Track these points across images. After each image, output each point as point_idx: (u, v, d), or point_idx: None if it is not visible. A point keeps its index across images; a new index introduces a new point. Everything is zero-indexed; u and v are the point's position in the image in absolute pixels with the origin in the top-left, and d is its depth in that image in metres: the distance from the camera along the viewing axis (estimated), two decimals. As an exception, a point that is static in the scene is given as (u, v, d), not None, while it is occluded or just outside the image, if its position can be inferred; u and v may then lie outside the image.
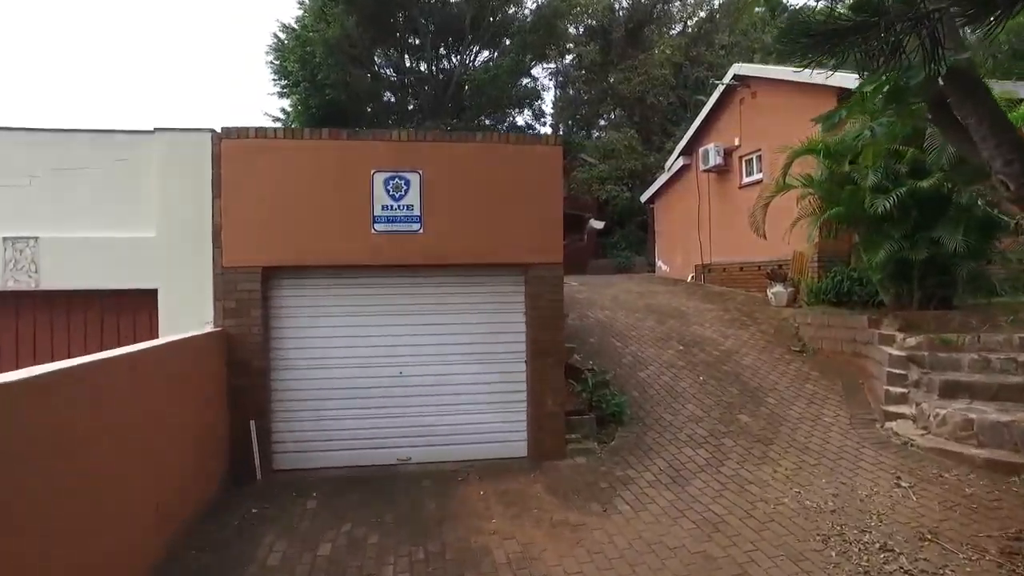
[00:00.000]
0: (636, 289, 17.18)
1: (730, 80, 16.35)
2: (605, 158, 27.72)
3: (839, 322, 10.43)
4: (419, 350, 7.83)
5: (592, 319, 13.52)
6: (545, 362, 7.79)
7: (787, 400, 8.86)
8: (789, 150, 10.56)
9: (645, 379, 9.97)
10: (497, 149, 7.68)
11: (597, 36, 31.39)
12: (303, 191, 7.32)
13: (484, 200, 7.63)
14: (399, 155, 7.46)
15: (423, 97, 29.05)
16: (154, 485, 5.05)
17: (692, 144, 18.65)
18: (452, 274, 7.83)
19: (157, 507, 5.00)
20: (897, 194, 8.88)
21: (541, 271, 7.74)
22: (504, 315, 7.96)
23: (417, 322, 7.82)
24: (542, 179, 7.74)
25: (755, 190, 14.56)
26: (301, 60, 25.13)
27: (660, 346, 11.51)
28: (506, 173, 7.67)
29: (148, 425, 5.00)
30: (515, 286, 7.93)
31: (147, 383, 5.06)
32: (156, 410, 5.19)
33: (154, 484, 5.06)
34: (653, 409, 8.86)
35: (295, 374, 7.62)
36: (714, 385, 9.55)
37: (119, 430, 4.47)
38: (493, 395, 7.94)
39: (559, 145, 7.80)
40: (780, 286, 13.88)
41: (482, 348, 7.92)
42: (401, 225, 7.48)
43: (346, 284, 7.69)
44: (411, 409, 7.81)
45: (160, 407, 5.29)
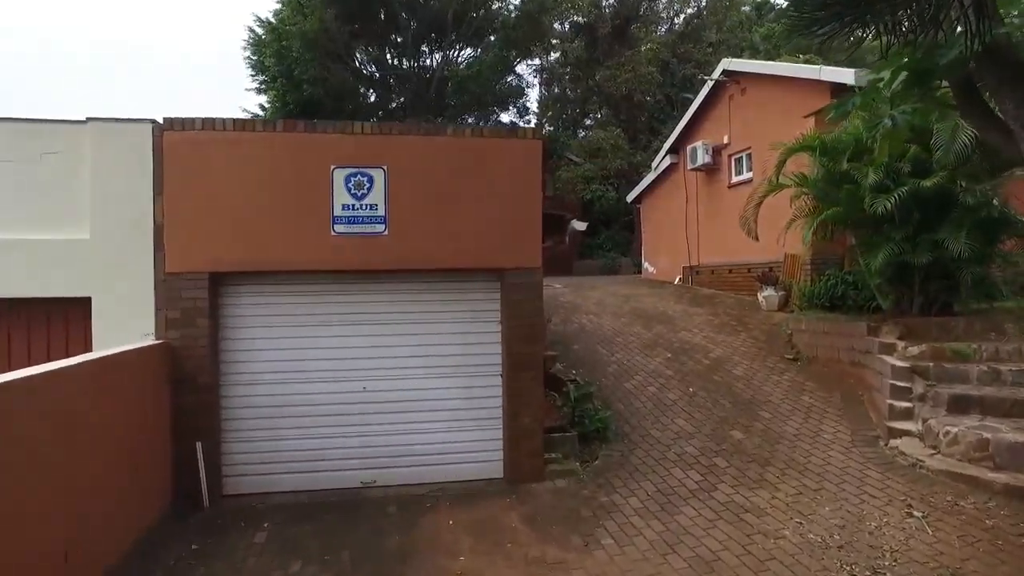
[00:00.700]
0: (622, 292, 16.60)
1: (719, 76, 15.79)
2: (591, 157, 27.15)
3: (835, 329, 9.87)
4: (385, 363, 7.16)
5: (576, 324, 12.91)
6: (522, 376, 7.14)
7: (782, 414, 8.27)
8: (783, 147, 9.99)
9: (631, 390, 9.36)
10: (470, 143, 7.03)
11: (583, 33, 30.82)
12: (255, 189, 6.64)
13: (455, 199, 6.98)
14: (361, 149, 6.79)
15: (405, 95, 28.35)
16: (65, 526, 4.36)
17: (680, 142, 18.09)
18: (420, 280, 7.17)
19: (67, 555, 4.30)
20: (899, 193, 8.32)
21: (518, 277, 7.10)
22: (478, 324, 7.31)
23: (382, 332, 7.16)
24: (520, 176, 7.10)
25: (745, 190, 14.03)
26: (277, 55, 24.38)
27: (647, 354, 10.92)
28: (480, 169, 7.02)
29: (60, 455, 4.31)
30: (490, 293, 7.28)
31: (63, 406, 4.37)
32: (74, 438, 4.50)
33: (65, 525, 4.36)
34: (640, 424, 8.24)
35: (248, 390, 6.93)
36: (704, 397, 8.95)
37: (15, 465, 3.79)
38: (466, 412, 7.29)
39: (538, 139, 7.16)
40: (771, 289, 13.33)
41: (453, 361, 7.27)
42: (364, 226, 6.81)
43: (304, 291, 7.01)
44: (376, 427, 7.15)
45: (79, 434, 4.59)
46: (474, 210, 6.99)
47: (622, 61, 26.65)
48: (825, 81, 12.25)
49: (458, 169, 6.98)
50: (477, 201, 7.00)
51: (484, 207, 7.01)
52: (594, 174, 26.45)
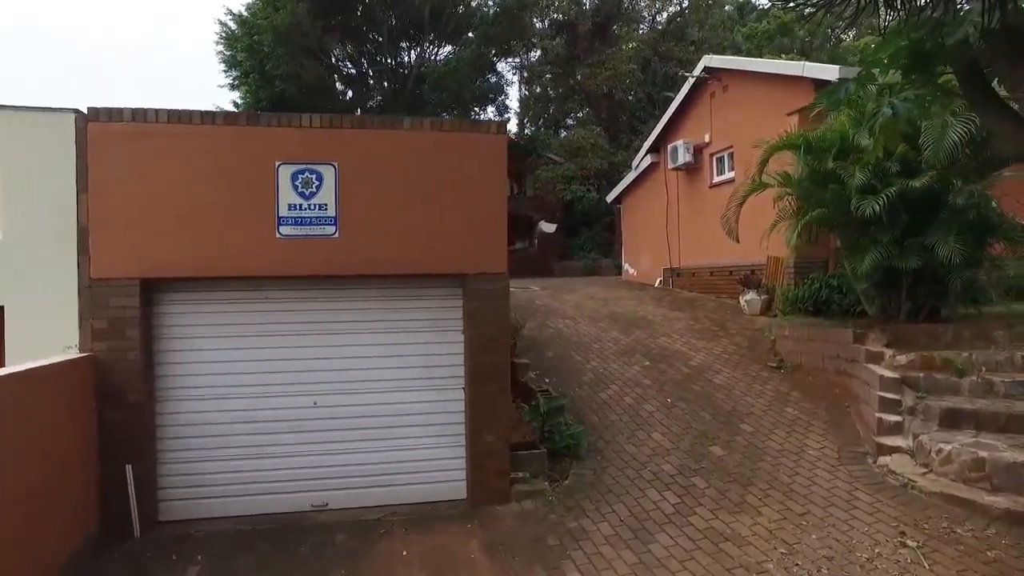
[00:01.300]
0: (601, 295, 16.13)
1: (700, 72, 15.36)
2: (571, 156, 26.67)
3: (820, 335, 9.44)
4: (337, 376, 6.60)
5: (552, 329, 12.41)
6: (486, 389, 6.61)
7: (765, 427, 7.81)
8: (766, 145, 9.54)
9: (607, 401, 8.86)
10: (429, 137, 6.48)
11: (564, 31, 30.34)
12: (193, 188, 6.05)
13: (414, 198, 6.43)
14: (310, 144, 6.22)
15: (383, 92, 27.71)
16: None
17: (660, 141, 17.65)
18: (376, 286, 6.62)
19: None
20: (887, 194, 7.89)
21: (482, 282, 6.57)
22: (439, 334, 6.76)
23: (335, 343, 6.60)
24: (484, 173, 6.57)
25: (726, 189, 13.59)
26: (249, 49, 23.65)
27: (625, 361, 10.43)
28: (440, 166, 6.48)
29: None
30: (451, 300, 6.73)
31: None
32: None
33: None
34: (614, 439, 7.74)
35: (186, 406, 6.34)
36: (683, 408, 8.47)
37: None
38: (425, 428, 6.75)
39: (503, 133, 6.64)
40: (753, 293, 12.91)
41: (412, 373, 6.72)
42: (312, 228, 6.24)
43: (248, 299, 6.43)
44: (328, 445, 6.58)
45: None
46: (434, 211, 6.45)
47: (603, 59, 26.19)
48: (808, 78, 11.87)
49: (416, 166, 6.44)
50: (437, 201, 6.46)
51: (444, 207, 6.47)
52: (574, 174, 25.97)
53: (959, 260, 7.93)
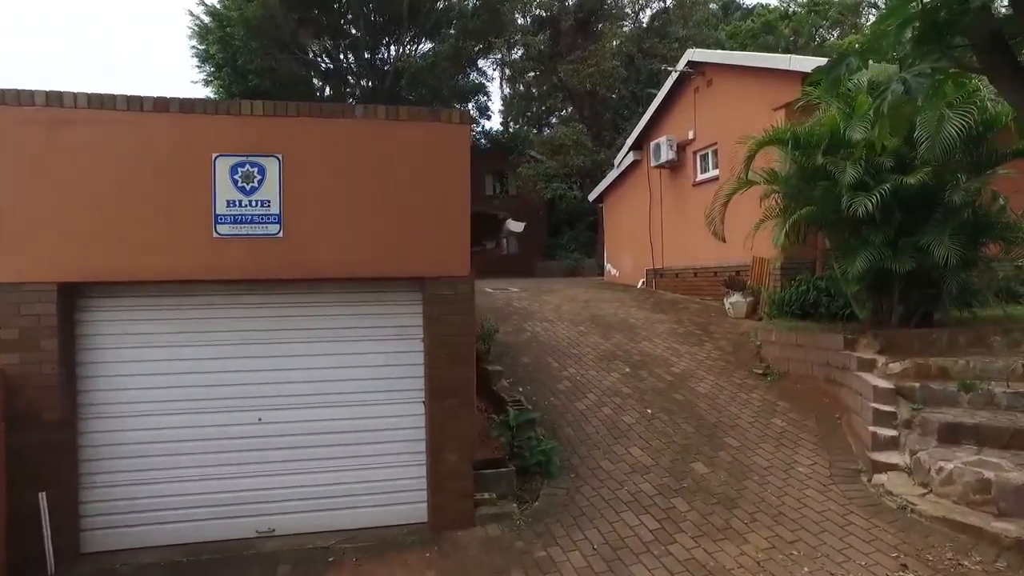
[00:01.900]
0: (582, 296, 15.59)
1: (684, 67, 14.85)
2: (553, 154, 26.10)
3: (808, 341, 8.94)
4: (284, 389, 6.00)
5: (529, 333, 11.86)
6: (448, 404, 6.03)
7: (751, 441, 7.29)
8: (752, 140, 9.03)
9: (583, 412, 8.31)
10: (384, 128, 5.88)
11: (546, 27, 29.77)
12: (119, 181, 5.43)
13: (367, 194, 5.84)
14: (251, 134, 5.61)
15: (360, 89, 27.02)
16: None
17: (643, 138, 17.14)
18: (327, 291, 6.02)
19: None
20: (881, 191, 7.40)
21: (442, 287, 5.98)
22: (397, 343, 6.18)
23: (281, 353, 6.00)
24: (445, 166, 5.99)
25: (710, 188, 13.08)
26: (221, 42, 22.86)
27: (603, 367, 9.89)
28: (397, 159, 5.89)
29: None
30: (410, 306, 6.15)
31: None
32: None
33: None
34: (590, 454, 7.19)
35: (113, 424, 5.71)
36: (665, 420, 7.94)
37: None
38: (382, 446, 6.16)
39: (466, 123, 6.06)
40: (738, 295, 12.42)
41: (368, 386, 6.13)
42: (253, 226, 5.63)
43: (184, 305, 5.81)
44: (274, 466, 5.98)
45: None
46: (389, 208, 5.87)
47: (585, 55, 25.65)
48: (796, 71, 11.35)
49: (371, 159, 5.85)
50: (393, 197, 5.88)
51: (402, 204, 5.89)
52: (556, 172, 25.41)
53: (955, 261, 7.48)
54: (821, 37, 36.70)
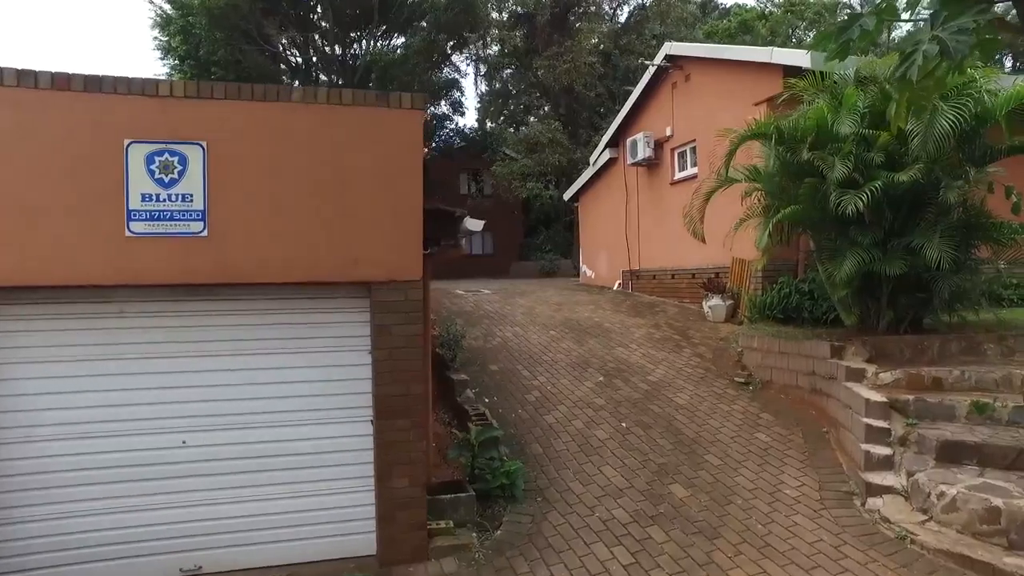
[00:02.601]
0: (555, 299, 14.99)
1: (661, 61, 14.33)
2: (529, 152, 25.51)
3: (793, 348, 8.42)
4: (212, 409, 5.29)
5: (498, 339, 11.22)
6: (398, 425, 5.38)
7: (734, 459, 6.73)
8: (733, 134, 8.49)
9: (553, 425, 7.70)
10: (326, 112, 5.21)
11: (522, 22, 29.19)
12: (11, 170, 4.69)
13: (306, 188, 5.17)
14: (171, 118, 4.91)
15: (329, 84, 26.18)
16: None
17: (620, 134, 16.61)
18: (260, 297, 5.33)
19: None
20: (872, 189, 6.88)
21: (391, 292, 5.33)
22: (340, 356, 5.49)
23: (210, 368, 5.29)
24: (395, 157, 5.33)
25: (689, 186, 12.60)
26: (183, 32, 21.92)
27: (576, 376, 9.29)
28: (341, 147, 5.23)
29: None
30: (355, 314, 5.48)
31: None
32: None
33: None
34: (559, 475, 6.58)
35: (12, 452, 4.96)
36: (640, 435, 7.35)
37: None
38: (326, 471, 5.47)
39: (419, 109, 5.40)
40: (718, 298, 11.91)
41: (307, 404, 5.45)
42: (173, 224, 4.93)
43: (93, 314, 5.08)
44: (201, 495, 5.27)
45: None
46: (331, 203, 5.20)
47: (561, 51, 25.10)
48: (777, 64, 10.90)
49: (310, 147, 5.18)
50: (336, 191, 5.22)
51: (345, 199, 5.23)
52: (531, 170, 24.82)
53: (949, 264, 7.00)
54: (798, 38, 36.58)
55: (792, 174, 8.11)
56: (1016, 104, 7.21)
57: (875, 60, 8.56)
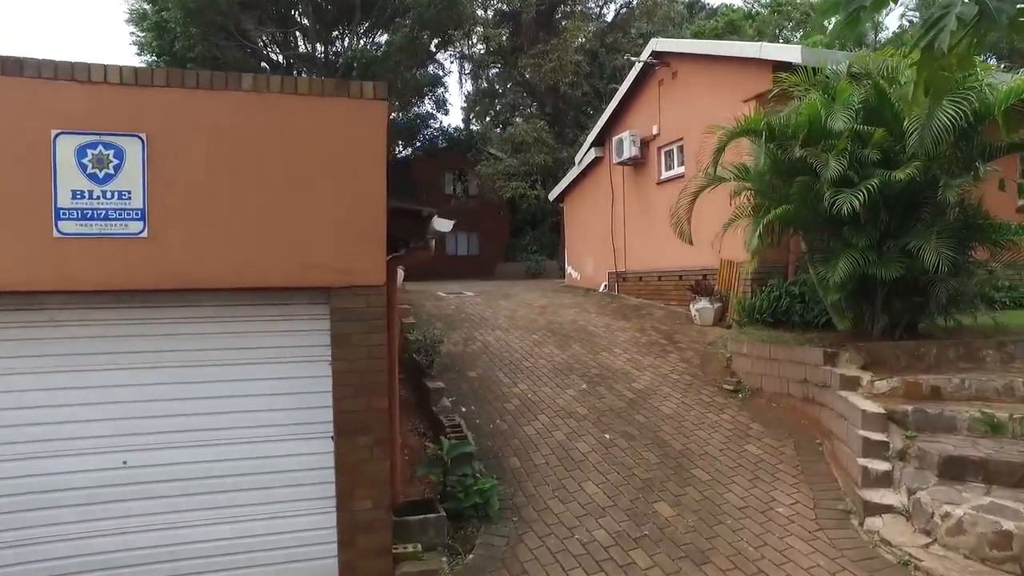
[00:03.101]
0: (539, 302, 14.59)
1: (648, 57, 13.95)
2: (514, 152, 25.10)
3: (784, 354, 8.05)
4: (156, 426, 4.83)
5: (479, 343, 10.81)
6: (359, 442, 4.95)
7: (723, 473, 6.34)
8: (722, 130, 8.12)
9: (533, 437, 7.29)
10: (279, 103, 4.77)
11: (507, 20, 28.80)
12: (-72, 164, 4.23)
13: (258, 185, 4.74)
14: (106, 107, 4.46)
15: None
16: None
17: (605, 133, 16.23)
18: (208, 305, 4.88)
19: None
20: (869, 187, 6.52)
21: (351, 298, 4.90)
22: (297, 367, 5.05)
23: (152, 382, 4.83)
24: (355, 152, 4.91)
25: (676, 186, 12.22)
26: (157, 27, 21.33)
27: (559, 383, 8.89)
28: (295, 141, 4.80)
29: None
30: (313, 322, 5.03)
31: None
32: None
33: None
34: (537, 491, 6.17)
35: (-75, 474, 4.49)
36: (624, 447, 6.96)
37: None
38: (280, 492, 5.03)
39: (381, 99, 4.96)
40: (705, 301, 11.55)
41: (262, 420, 5.00)
42: (109, 224, 4.48)
43: (21, 323, 4.61)
44: (142, 520, 4.81)
45: None
46: (286, 202, 4.77)
47: (547, 49, 24.70)
48: (767, 60, 10.55)
49: (262, 140, 4.74)
50: (290, 188, 4.78)
51: (301, 197, 4.79)
52: (516, 170, 24.40)
53: (948, 267, 6.65)
54: (785, 38, 36.45)
55: (783, 172, 7.76)
56: (1016, 99, 6.88)
57: (868, 55, 8.23)
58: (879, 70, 7.65)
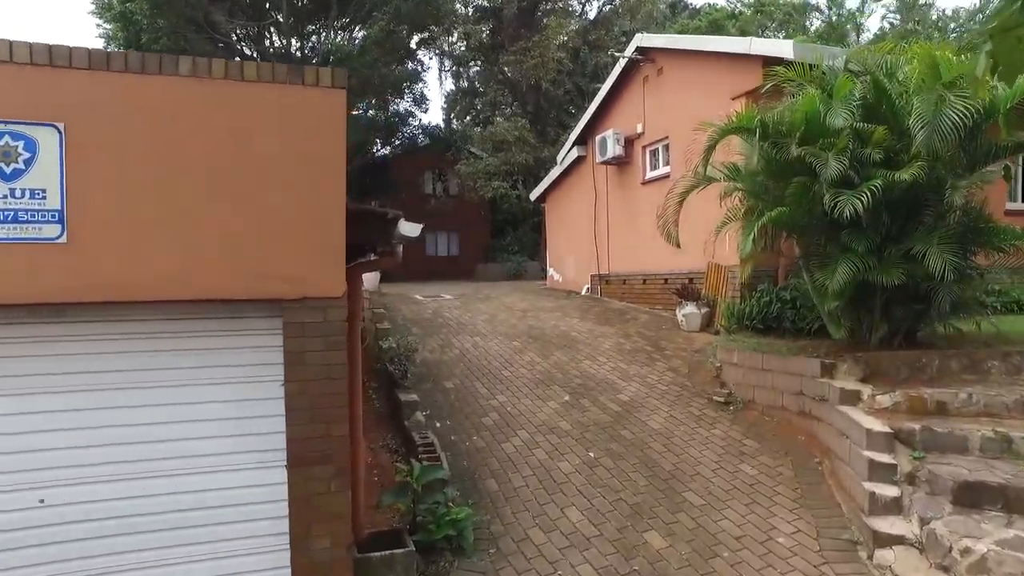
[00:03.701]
0: (520, 305, 14.08)
1: (632, 53, 13.48)
2: (495, 151, 24.56)
3: (778, 365, 7.61)
4: (81, 458, 4.23)
5: (456, 350, 10.26)
6: (316, 474, 4.40)
7: (717, 497, 5.87)
8: (713, 127, 7.66)
9: (512, 456, 6.77)
10: (222, 90, 4.21)
11: (489, 17, 28.26)
12: None
13: (199, 183, 4.16)
14: (15, 92, 3.86)
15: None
16: None
17: (588, 132, 15.75)
18: (142, 318, 4.29)
19: None
20: (873, 188, 6.08)
21: (306, 312, 4.34)
22: (247, 388, 4.48)
23: (76, 407, 4.23)
24: (310, 147, 4.35)
25: (661, 186, 11.80)
26: (121, 19, 20.51)
27: (539, 394, 8.38)
28: (241, 134, 4.24)
29: None
30: (264, 338, 4.47)
31: None
32: None
33: None
34: (517, 518, 5.65)
35: None
36: (610, 468, 6.46)
37: None
38: (227, 529, 4.46)
39: (340, 87, 4.41)
40: (692, 306, 11.10)
41: (207, 448, 4.43)
42: (19, 227, 3.88)
43: (-80, 339, 4.01)
44: (59, 566, 4.21)
45: None
46: (231, 202, 4.20)
47: (529, 46, 24.19)
48: (757, 56, 10.10)
49: (202, 133, 4.17)
50: (236, 187, 4.22)
51: (248, 197, 4.23)
52: (497, 169, 23.86)
53: (953, 274, 6.23)
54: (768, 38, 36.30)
55: (777, 173, 7.31)
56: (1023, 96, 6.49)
57: (867, 48, 7.82)
58: (878, 65, 7.24)
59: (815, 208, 6.85)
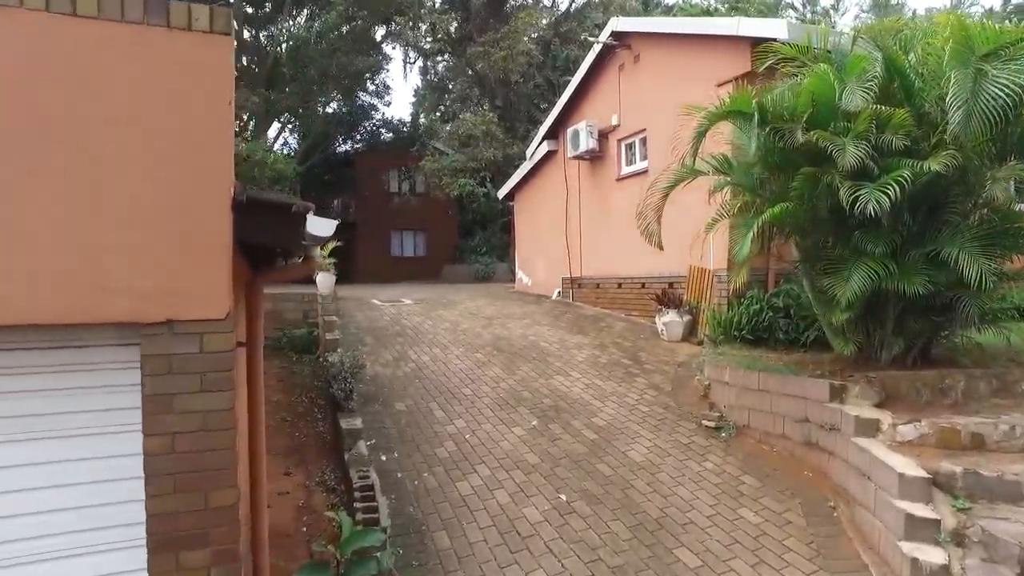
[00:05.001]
0: (486, 311, 12.97)
1: (607, 38, 12.46)
2: (462, 146, 23.41)
3: (777, 386, 6.61)
4: None
5: (412, 364, 9.13)
6: (188, 560, 3.22)
7: (715, 555, 4.82)
8: (703, 112, 6.64)
9: (468, 499, 5.66)
10: (54, 27, 3.01)
11: (456, 7, 27.11)
12: None
13: (16, 158, 2.96)
14: None
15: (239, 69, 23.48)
16: None
17: (560, 124, 14.71)
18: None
19: None
20: (900, 180, 5.09)
21: (174, 340, 3.16)
22: (96, 443, 3.29)
23: None
24: (181, 110, 3.18)
25: (637, 182, 10.83)
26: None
27: (504, 418, 7.30)
28: (84, 93, 3.05)
29: None
30: (118, 374, 3.28)
31: None
32: None
33: None
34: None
35: None
36: (587, 514, 5.38)
37: None
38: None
39: (224, 33, 3.25)
40: (673, 314, 10.12)
41: (40, 526, 3.23)
42: None
43: None
44: None
45: None
46: (68, 186, 3.01)
47: (498, 37, 23.09)
48: (745, 37, 9.14)
49: (27, 89, 2.97)
50: (72, 165, 3.02)
51: (94, 179, 3.04)
52: (463, 166, 22.70)
53: (988, 281, 5.28)
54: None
55: (777, 163, 6.35)
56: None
57: (879, 22, 6.87)
58: (894, 40, 6.29)
59: (822, 204, 5.87)
